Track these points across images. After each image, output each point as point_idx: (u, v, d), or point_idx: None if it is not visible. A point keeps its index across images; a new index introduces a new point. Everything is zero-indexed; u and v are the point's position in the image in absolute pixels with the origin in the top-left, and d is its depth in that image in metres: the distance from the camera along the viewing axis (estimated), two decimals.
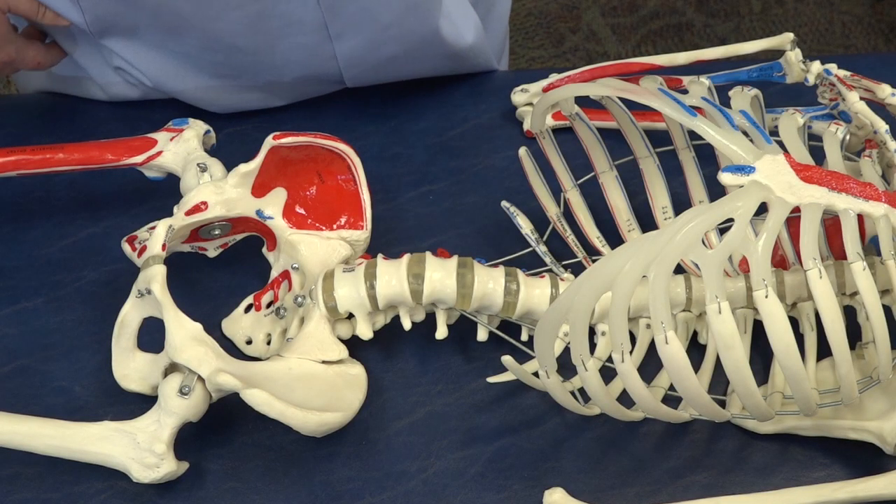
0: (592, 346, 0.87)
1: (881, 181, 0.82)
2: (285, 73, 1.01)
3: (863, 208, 0.78)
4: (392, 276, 0.84)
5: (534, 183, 0.94)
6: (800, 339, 0.84)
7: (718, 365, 0.79)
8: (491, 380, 0.86)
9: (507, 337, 0.87)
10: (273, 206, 0.90)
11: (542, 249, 0.91)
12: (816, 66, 0.93)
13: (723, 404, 0.84)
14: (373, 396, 0.86)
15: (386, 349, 0.89)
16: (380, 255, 0.87)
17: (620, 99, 0.89)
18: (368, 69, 1.02)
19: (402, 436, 0.86)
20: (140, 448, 0.80)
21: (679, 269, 0.85)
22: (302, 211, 0.90)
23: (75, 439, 0.80)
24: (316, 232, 0.90)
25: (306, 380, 0.82)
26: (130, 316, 0.84)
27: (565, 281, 0.87)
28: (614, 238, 0.92)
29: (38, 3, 0.96)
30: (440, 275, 0.84)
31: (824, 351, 0.81)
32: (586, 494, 0.82)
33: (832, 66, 0.92)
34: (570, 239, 0.93)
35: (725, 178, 0.76)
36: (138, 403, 0.85)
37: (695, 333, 0.88)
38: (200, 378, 0.79)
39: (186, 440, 0.82)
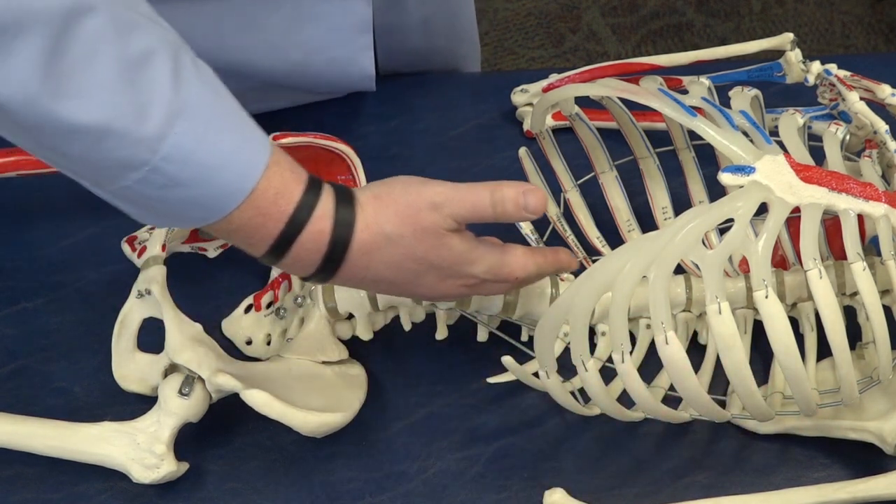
0: (592, 347, 0.87)
1: (881, 181, 0.82)
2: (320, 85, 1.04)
3: (863, 208, 0.78)
4: None
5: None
6: (800, 339, 0.84)
7: (718, 365, 0.79)
8: (491, 380, 0.86)
9: (507, 337, 0.87)
10: None
11: None
12: (816, 66, 0.93)
13: (723, 404, 0.84)
14: (373, 396, 0.86)
15: (386, 349, 0.89)
16: None
17: (620, 99, 0.89)
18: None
19: (402, 436, 0.86)
20: (140, 448, 0.80)
21: (679, 269, 0.85)
22: None
23: (75, 440, 0.80)
24: None
25: (306, 380, 0.82)
26: (130, 316, 0.84)
27: (565, 281, 0.87)
28: (614, 238, 0.92)
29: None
30: None
31: (824, 351, 0.81)
32: (586, 494, 0.82)
33: (832, 66, 0.92)
34: (570, 239, 0.93)
35: (725, 178, 0.76)
36: (138, 404, 0.84)
37: (695, 333, 0.88)
38: (200, 379, 0.79)
39: (186, 440, 0.82)
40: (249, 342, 0.89)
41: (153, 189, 0.67)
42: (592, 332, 0.87)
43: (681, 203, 0.92)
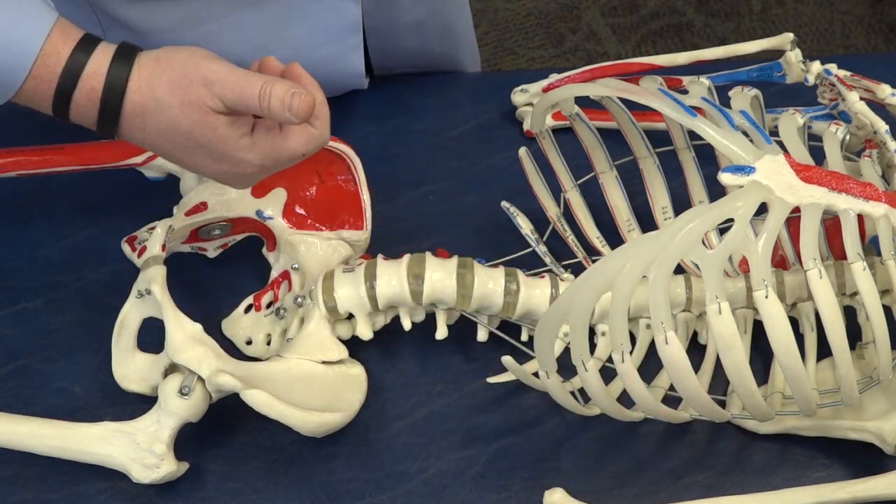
0: (592, 347, 0.87)
1: (881, 181, 0.82)
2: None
3: (863, 208, 0.78)
4: (392, 276, 0.84)
5: (534, 183, 0.94)
6: (800, 339, 0.84)
7: (718, 365, 0.79)
8: (491, 380, 0.86)
9: (507, 337, 0.87)
10: (273, 206, 0.90)
11: (542, 249, 0.91)
12: (816, 66, 0.93)
13: (723, 404, 0.84)
14: (373, 396, 0.86)
15: (386, 349, 0.89)
16: (380, 256, 0.87)
17: (620, 99, 0.89)
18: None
19: (402, 436, 0.86)
20: (140, 448, 0.80)
21: (679, 269, 0.85)
22: (302, 211, 0.90)
23: (75, 440, 0.80)
24: (316, 232, 0.90)
25: (306, 380, 0.82)
26: (130, 316, 0.84)
27: (565, 281, 0.87)
28: (614, 238, 0.92)
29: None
30: (440, 275, 0.84)
31: (824, 351, 0.81)
32: (586, 494, 0.82)
33: (832, 66, 0.92)
34: (570, 239, 0.93)
35: (725, 178, 0.76)
36: (138, 404, 0.84)
37: (695, 333, 0.88)
38: (200, 378, 0.79)
39: (186, 440, 0.82)
40: (249, 342, 0.89)
41: None
42: (592, 332, 0.87)
43: (681, 203, 0.92)
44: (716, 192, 0.88)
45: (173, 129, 0.74)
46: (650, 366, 0.85)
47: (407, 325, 0.86)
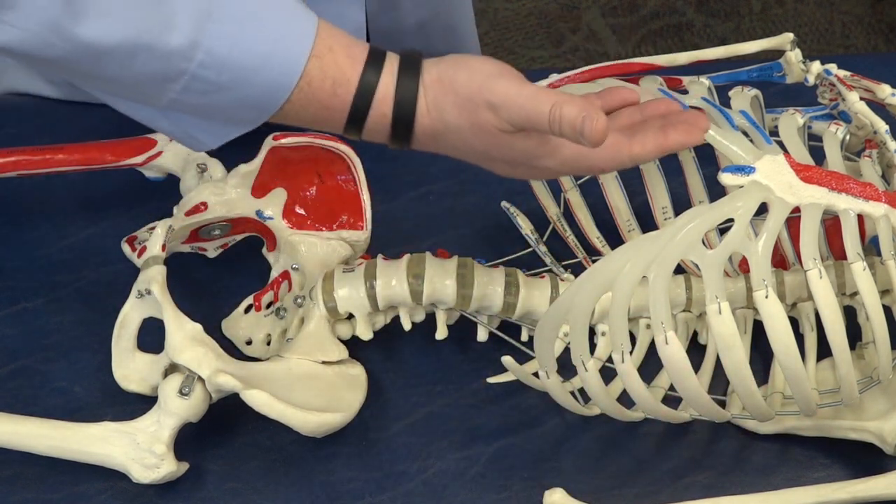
0: (592, 347, 0.87)
1: (881, 181, 0.82)
2: None
3: (863, 208, 0.78)
4: (392, 276, 0.84)
5: (534, 183, 0.94)
6: (800, 339, 0.84)
7: (718, 365, 0.79)
8: (491, 380, 0.86)
9: (507, 337, 0.87)
10: (273, 206, 0.90)
11: (542, 249, 0.91)
12: (816, 66, 0.93)
13: (723, 404, 0.84)
14: (373, 396, 0.86)
15: (386, 349, 0.89)
16: (380, 256, 0.87)
17: None
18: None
19: (402, 436, 0.86)
20: (140, 448, 0.80)
21: (679, 269, 0.85)
22: (302, 211, 0.90)
23: (75, 440, 0.80)
24: (316, 232, 0.90)
25: (306, 380, 0.82)
26: (130, 316, 0.84)
27: (565, 281, 0.87)
28: (614, 238, 0.92)
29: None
30: (440, 275, 0.84)
31: (824, 351, 0.81)
32: (586, 494, 0.82)
33: (832, 66, 0.92)
34: (570, 239, 0.93)
35: (725, 178, 0.76)
36: (138, 404, 0.84)
37: (695, 333, 0.88)
38: (200, 378, 0.79)
39: (186, 440, 0.82)
40: (249, 342, 0.89)
41: (197, 97, 0.68)
42: (592, 332, 0.87)
43: (681, 203, 0.92)
44: (716, 192, 0.87)
45: (467, 147, 0.74)
46: (650, 366, 0.85)
47: (407, 325, 0.86)
